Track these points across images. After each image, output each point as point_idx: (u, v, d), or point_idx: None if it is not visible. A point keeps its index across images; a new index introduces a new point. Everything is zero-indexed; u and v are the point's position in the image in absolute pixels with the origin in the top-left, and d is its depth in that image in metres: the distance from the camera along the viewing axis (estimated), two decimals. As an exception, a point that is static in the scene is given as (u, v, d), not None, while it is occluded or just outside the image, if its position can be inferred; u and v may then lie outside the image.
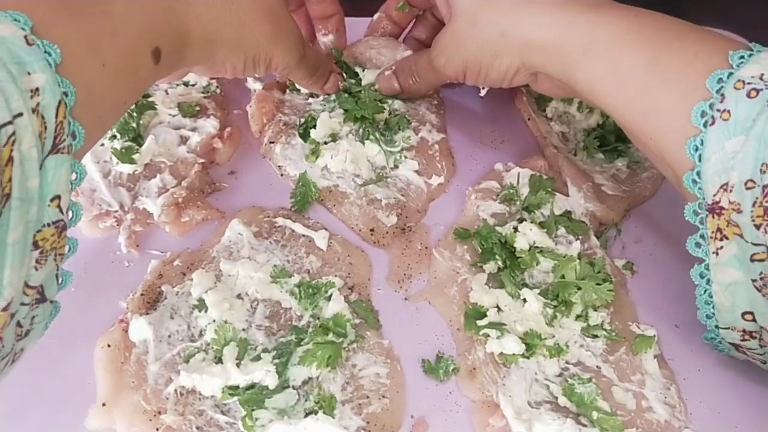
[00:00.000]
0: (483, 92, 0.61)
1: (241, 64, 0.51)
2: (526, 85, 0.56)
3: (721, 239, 0.41)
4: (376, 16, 0.65)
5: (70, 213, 0.38)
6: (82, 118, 0.38)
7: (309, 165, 0.58)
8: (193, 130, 0.59)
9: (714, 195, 0.41)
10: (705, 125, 0.41)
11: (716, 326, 0.45)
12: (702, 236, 0.43)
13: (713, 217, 0.41)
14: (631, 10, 0.46)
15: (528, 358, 0.48)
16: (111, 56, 0.39)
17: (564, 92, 0.53)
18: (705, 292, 0.44)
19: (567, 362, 0.48)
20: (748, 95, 0.39)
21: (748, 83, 0.39)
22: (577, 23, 0.47)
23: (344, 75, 0.64)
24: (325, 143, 0.59)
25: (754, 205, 0.39)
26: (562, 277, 0.51)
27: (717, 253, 0.42)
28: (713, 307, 0.44)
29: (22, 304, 0.35)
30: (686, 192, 0.43)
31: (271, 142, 0.60)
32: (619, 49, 0.45)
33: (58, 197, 0.36)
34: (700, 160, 0.41)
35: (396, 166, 0.59)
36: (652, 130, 0.44)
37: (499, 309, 0.50)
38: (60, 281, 0.39)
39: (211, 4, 0.46)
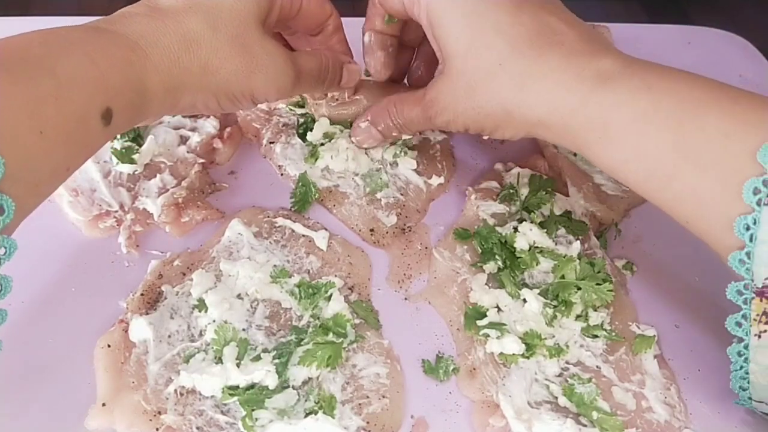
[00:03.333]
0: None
1: (214, 105, 0.47)
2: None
3: (767, 323, 0.39)
4: (366, 37, 0.55)
5: None
6: (12, 190, 0.34)
7: (309, 166, 0.58)
8: (193, 130, 0.59)
9: (765, 278, 0.38)
10: (758, 204, 0.38)
11: (749, 398, 0.44)
12: (744, 316, 0.40)
13: (761, 300, 0.39)
14: (644, 83, 0.42)
15: (528, 358, 0.48)
16: (52, 122, 0.36)
17: None
18: (741, 368, 0.42)
19: (567, 362, 0.49)
20: None
21: None
22: (588, 106, 0.43)
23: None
24: (322, 144, 0.59)
25: None
26: (562, 277, 0.51)
27: (759, 336, 0.40)
28: (748, 382, 0.42)
29: None
30: (729, 269, 0.40)
31: (270, 143, 0.60)
32: (638, 133, 0.41)
33: None
34: (751, 240, 0.38)
35: (395, 162, 0.59)
36: (689, 215, 0.41)
37: (499, 309, 0.50)
38: None
39: (168, 50, 0.42)
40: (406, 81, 0.60)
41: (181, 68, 0.43)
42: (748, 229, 0.38)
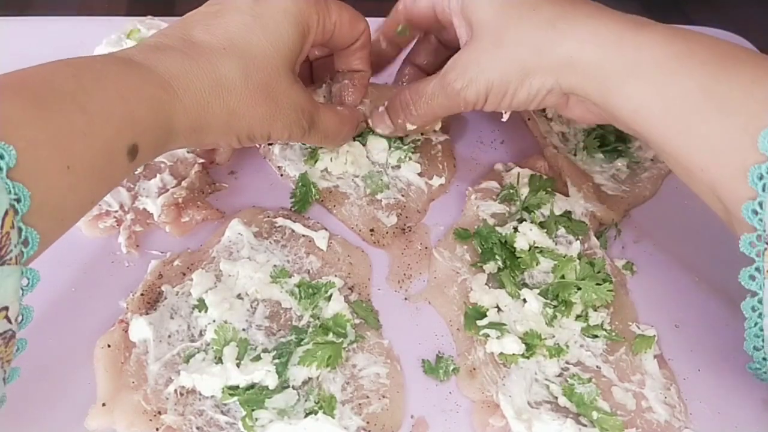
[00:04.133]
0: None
1: (235, 143, 0.48)
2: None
3: None
4: (374, 36, 0.56)
5: (20, 317, 0.36)
6: (38, 223, 0.34)
7: (308, 167, 0.58)
8: (193, 130, 0.59)
9: None
10: None
11: (764, 358, 0.43)
12: (757, 269, 0.40)
13: None
14: (679, 31, 0.43)
15: (528, 358, 0.48)
16: (80, 157, 0.36)
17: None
18: (755, 325, 0.41)
19: (567, 362, 0.49)
20: None
21: None
22: (623, 42, 0.43)
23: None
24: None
25: None
26: (562, 277, 0.51)
27: None
28: (762, 340, 0.42)
29: None
30: (740, 223, 0.40)
31: (269, 143, 0.60)
32: (669, 72, 0.41)
33: (5, 308, 0.34)
34: (764, 190, 0.38)
35: (399, 166, 0.59)
36: (706, 160, 0.41)
37: (499, 309, 0.50)
38: (11, 366, 0.37)
39: (199, 94, 0.43)
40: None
41: (209, 112, 0.43)
42: (761, 178, 0.38)
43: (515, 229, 0.53)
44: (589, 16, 0.44)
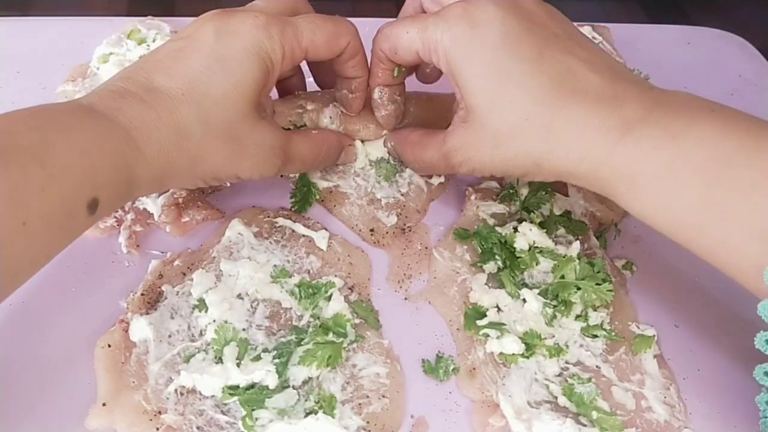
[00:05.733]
0: None
1: (201, 184, 0.48)
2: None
3: None
4: (375, 93, 0.54)
5: None
6: None
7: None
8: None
9: None
10: None
11: None
12: None
13: None
14: (667, 132, 0.41)
15: (528, 358, 0.48)
16: (36, 213, 0.35)
17: None
18: None
19: (567, 362, 0.49)
20: None
21: None
22: (614, 157, 0.42)
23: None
24: None
25: None
26: (562, 277, 0.51)
27: None
28: None
29: None
30: (760, 318, 0.40)
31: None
32: (664, 186, 0.40)
33: None
34: None
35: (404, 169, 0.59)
36: (721, 264, 0.40)
37: (498, 309, 0.50)
38: None
39: (160, 144, 0.42)
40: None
41: (170, 161, 0.43)
42: None
43: (515, 229, 0.53)
44: (579, 129, 0.43)
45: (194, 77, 0.44)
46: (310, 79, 0.60)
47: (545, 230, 0.53)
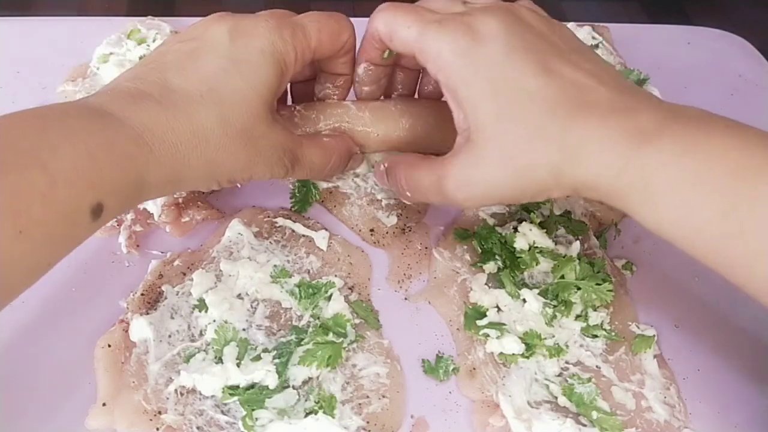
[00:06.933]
0: None
1: (214, 186, 0.46)
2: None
3: None
4: (360, 68, 0.51)
5: None
6: None
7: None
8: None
9: None
10: None
11: None
12: None
13: None
14: (686, 142, 0.39)
15: (528, 358, 0.48)
16: (36, 221, 0.33)
17: None
18: None
19: (567, 362, 0.49)
20: None
21: None
22: (630, 168, 0.40)
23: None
24: None
25: None
26: (562, 277, 0.51)
27: None
28: None
29: None
30: None
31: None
32: (683, 198, 0.39)
33: None
34: None
35: None
36: (740, 281, 0.39)
37: (498, 309, 0.50)
38: None
39: (176, 146, 0.40)
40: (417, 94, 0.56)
41: (186, 165, 0.41)
42: None
43: (515, 229, 0.54)
44: (595, 141, 0.41)
45: (212, 79, 0.43)
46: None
47: (545, 230, 0.53)
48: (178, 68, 0.43)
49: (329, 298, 0.49)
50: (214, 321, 0.47)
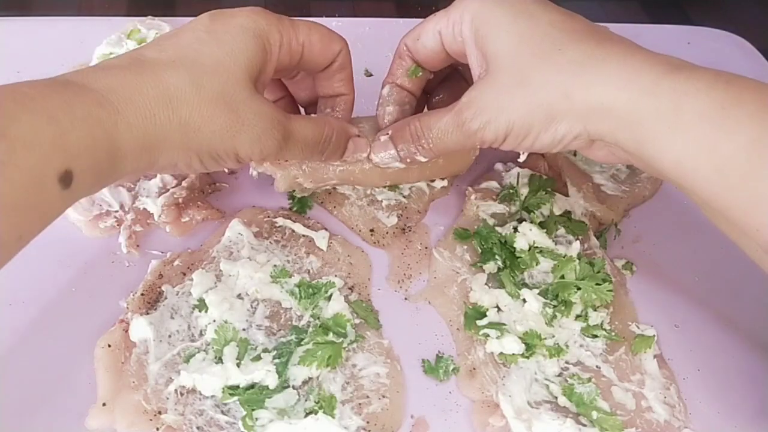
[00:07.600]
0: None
1: (197, 164, 0.43)
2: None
3: None
4: (385, 89, 0.51)
5: None
6: None
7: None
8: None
9: None
10: None
11: None
12: None
13: None
14: (720, 76, 0.38)
15: (528, 358, 0.48)
16: None
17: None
18: None
19: (567, 362, 0.49)
20: None
21: None
22: (659, 89, 0.38)
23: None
24: None
25: None
26: (562, 277, 0.51)
27: None
28: None
29: None
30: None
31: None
32: (715, 126, 0.37)
33: None
34: None
35: None
36: (760, 221, 0.37)
37: (498, 309, 0.50)
38: None
39: (145, 106, 0.39)
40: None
41: (158, 126, 0.40)
42: None
43: (515, 229, 0.54)
44: (621, 58, 0.40)
45: (185, 47, 0.42)
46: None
47: (545, 230, 0.53)
48: (155, 44, 0.43)
49: (329, 298, 0.49)
50: (214, 321, 0.47)
